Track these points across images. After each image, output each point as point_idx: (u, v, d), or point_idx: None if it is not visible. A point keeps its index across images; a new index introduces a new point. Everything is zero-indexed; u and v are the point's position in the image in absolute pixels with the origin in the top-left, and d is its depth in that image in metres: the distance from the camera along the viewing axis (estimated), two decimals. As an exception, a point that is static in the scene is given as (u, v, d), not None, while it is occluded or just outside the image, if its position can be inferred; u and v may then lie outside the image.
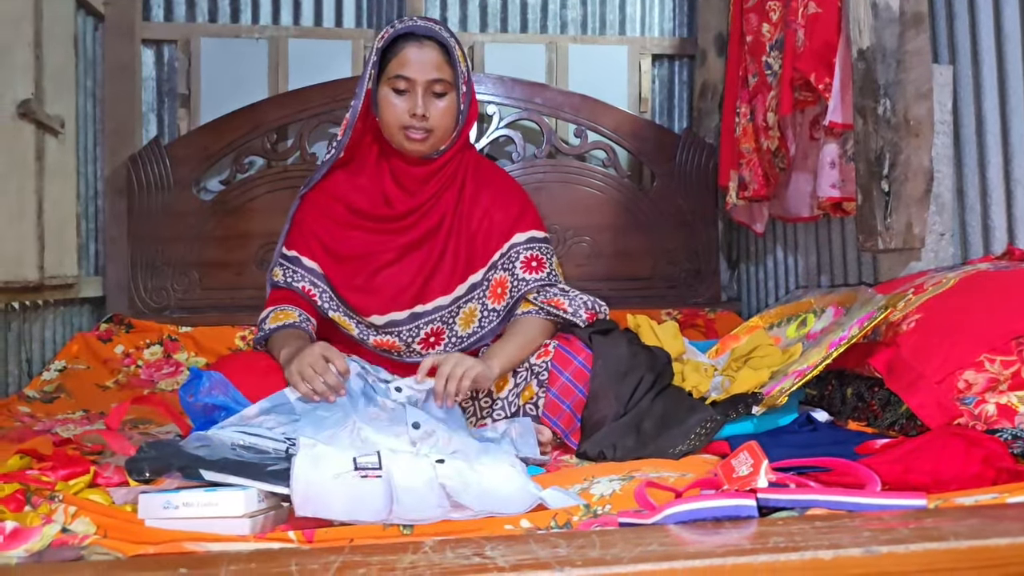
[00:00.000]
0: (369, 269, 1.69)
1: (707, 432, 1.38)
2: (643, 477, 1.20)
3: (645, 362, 1.57)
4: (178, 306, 2.91)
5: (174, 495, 0.99)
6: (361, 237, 1.70)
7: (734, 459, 0.91)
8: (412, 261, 1.69)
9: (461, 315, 1.69)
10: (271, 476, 1.03)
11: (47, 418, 1.94)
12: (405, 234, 1.69)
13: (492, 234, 1.72)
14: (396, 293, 1.67)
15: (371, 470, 1.09)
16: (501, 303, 1.68)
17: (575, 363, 1.55)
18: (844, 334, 1.44)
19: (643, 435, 1.43)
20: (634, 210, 3.11)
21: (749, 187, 2.75)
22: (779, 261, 2.93)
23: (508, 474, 1.18)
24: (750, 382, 1.52)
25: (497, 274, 1.69)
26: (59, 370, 2.47)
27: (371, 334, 1.67)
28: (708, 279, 3.14)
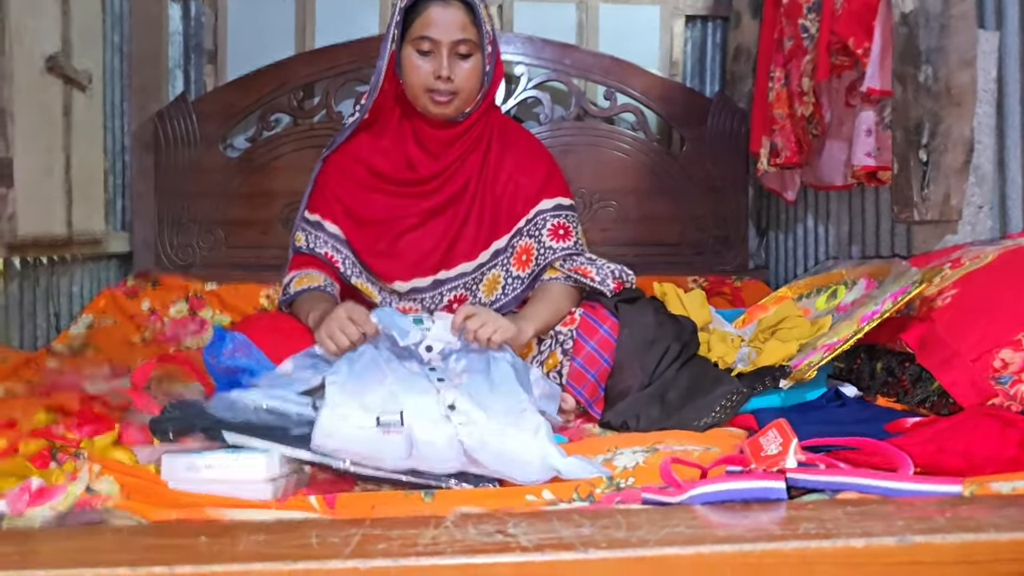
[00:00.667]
0: (392, 234, 1.67)
1: (733, 405, 1.36)
2: (667, 450, 1.18)
3: (671, 331, 1.55)
4: (203, 263, 2.92)
5: (197, 457, 1.00)
6: (383, 201, 1.68)
7: (762, 437, 0.89)
8: (435, 226, 1.66)
9: (485, 282, 1.67)
10: (294, 440, 1.03)
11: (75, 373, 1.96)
12: (428, 199, 1.67)
13: (517, 199, 1.69)
14: (419, 259, 1.66)
15: (392, 427, 1.12)
16: (526, 270, 1.66)
17: (601, 332, 1.53)
18: (877, 308, 1.41)
19: (667, 405, 1.41)
20: (662, 175, 3.06)
21: (781, 154, 2.69)
22: (809, 230, 2.88)
23: (527, 441, 1.18)
24: (778, 354, 1.50)
25: (522, 241, 1.67)
26: (87, 325, 2.49)
27: (394, 301, 1.67)
28: (736, 246, 3.09)
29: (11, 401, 1.57)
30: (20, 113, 2.14)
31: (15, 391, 1.71)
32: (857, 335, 1.39)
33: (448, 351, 1.40)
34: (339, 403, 1.18)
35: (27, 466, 1.02)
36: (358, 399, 1.21)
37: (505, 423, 1.23)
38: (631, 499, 0.99)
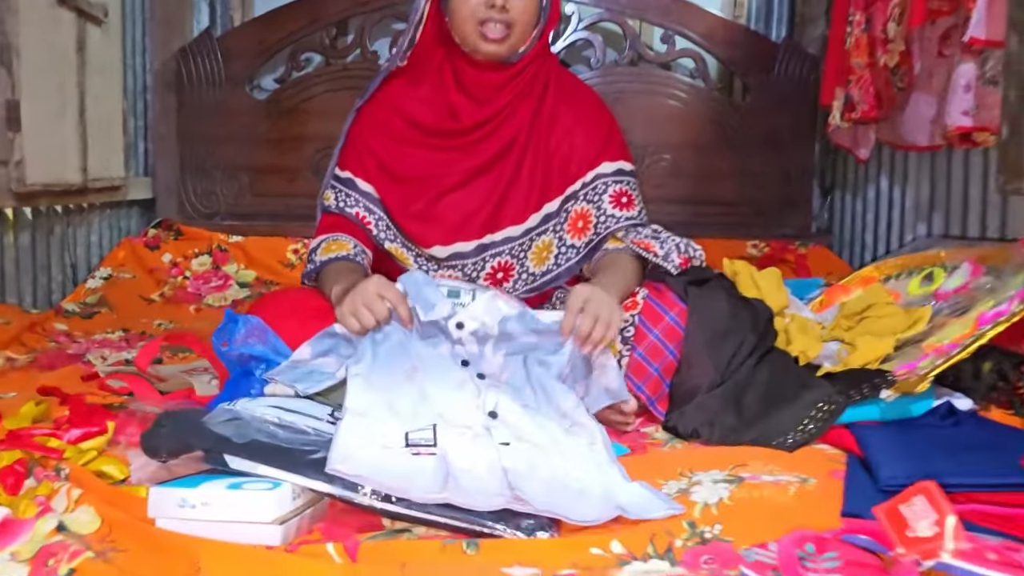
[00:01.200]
0: (431, 193, 1.48)
1: (824, 417, 1.16)
2: (754, 480, 1.00)
3: (747, 320, 1.34)
4: (228, 212, 2.77)
5: (191, 491, 0.83)
6: (422, 156, 1.48)
7: (905, 506, 0.70)
8: (481, 185, 1.47)
9: (534, 249, 1.48)
10: (310, 467, 0.85)
11: (84, 337, 1.82)
12: (473, 153, 1.46)
13: (572, 159, 1.49)
14: (462, 221, 1.47)
15: (424, 447, 0.98)
16: (582, 239, 1.47)
17: (667, 319, 1.33)
18: (1002, 308, 1.19)
19: (744, 412, 1.22)
20: (722, 127, 2.82)
21: (857, 107, 2.43)
22: (882, 193, 2.62)
23: (582, 460, 1.02)
24: (873, 352, 1.29)
25: (578, 205, 1.47)
26: (104, 278, 2.35)
27: (431, 268, 1.48)
28: (799, 208, 2.86)
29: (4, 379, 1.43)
30: (28, 50, 1.96)
31: (15, 362, 1.57)
32: (978, 341, 1.18)
33: (483, 334, 1.21)
34: (361, 410, 1.02)
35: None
36: (385, 398, 1.06)
37: (556, 434, 1.07)
38: (724, 560, 0.81)
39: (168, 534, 0.83)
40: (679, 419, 1.25)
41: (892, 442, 1.06)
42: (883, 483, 0.96)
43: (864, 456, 1.05)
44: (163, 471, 0.93)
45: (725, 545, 0.85)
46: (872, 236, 2.63)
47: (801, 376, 1.25)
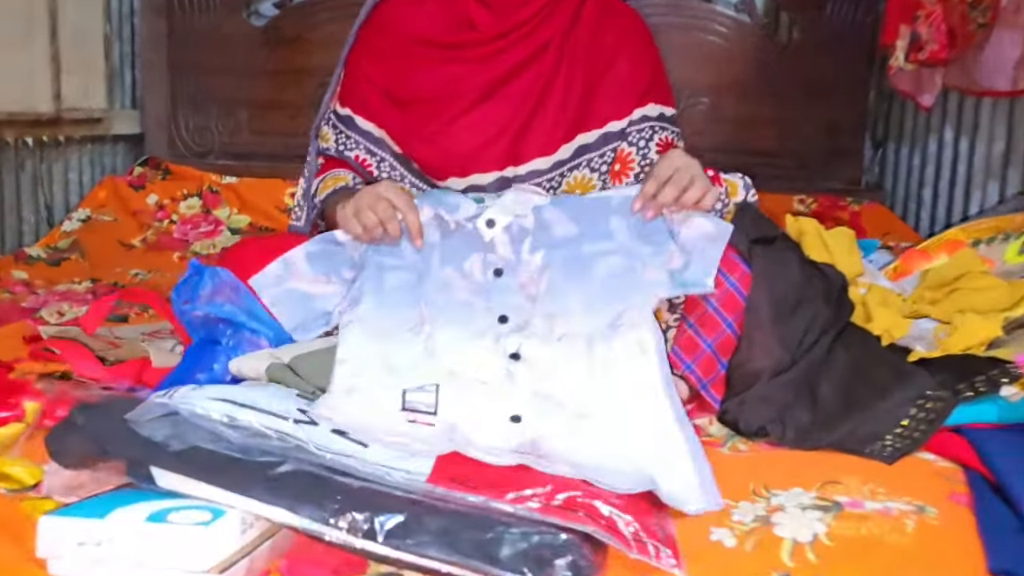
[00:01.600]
0: (444, 115, 1.25)
1: (930, 418, 0.93)
2: (854, 507, 0.77)
3: (821, 291, 1.11)
4: (223, 151, 2.54)
5: (96, 524, 0.61)
6: (432, 72, 1.26)
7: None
8: (502, 102, 1.24)
9: (564, 187, 1.26)
10: (268, 487, 0.63)
11: (45, 288, 1.60)
12: (493, 63, 1.23)
13: (617, 86, 1.26)
14: (480, 147, 1.25)
15: (422, 412, 0.89)
16: (617, 183, 1.26)
17: (725, 284, 1.09)
18: None
19: (821, 406, 0.99)
20: (767, 69, 2.55)
21: (926, 47, 2.16)
22: (946, 144, 2.36)
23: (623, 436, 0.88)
24: (977, 333, 1.05)
25: (620, 145, 1.25)
26: (81, 220, 2.14)
27: None
28: (848, 160, 2.61)
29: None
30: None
31: (-41, 317, 1.36)
32: None
33: (517, 229, 1.07)
34: (353, 370, 0.92)
35: None
36: (381, 353, 0.95)
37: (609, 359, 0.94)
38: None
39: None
40: (739, 411, 1.03)
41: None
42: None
43: (993, 476, 0.82)
44: (85, 477, 0.72)
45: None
46: (931, 193, 2.38)
47: (892, 362, 1.02)
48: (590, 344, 0.97)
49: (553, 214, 1.08)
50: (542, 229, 1.08)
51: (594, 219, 1.08)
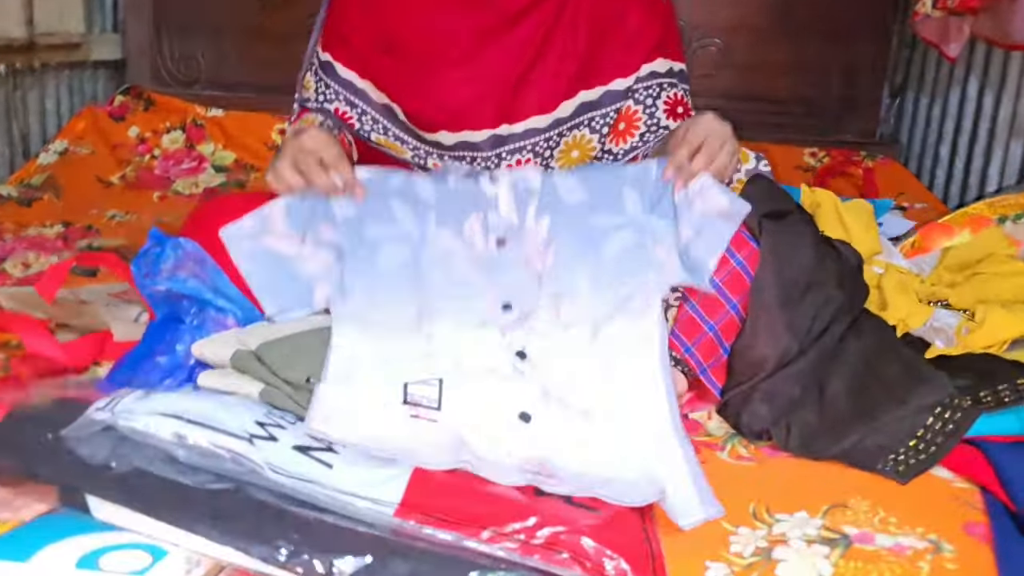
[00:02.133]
0: (436, 63, 1.16)
1: (948, 431, 0.86)
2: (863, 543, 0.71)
3: (834, 274, 1.03)
4: (209, 81, 2.43)
5: (19, 567, 0.54)
6: (424, 15, 1.16)
7: None
8: (500, 51, 1.15)
9: (563, 147, 1.17)
10: (217, 520, 0.57)
11: (13, 233, 1.52)
12: (491, 7, 1.14)
13: (625, 38, 1.17)
14: (474, 100, 1.16)
15: (425, 407, 0.85)
16: (621, 145, 1.18)
17: (731, 263, 1.02)
18: None
19: (831, 407, 0.92)
20: (782, 9, 2.41)
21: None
22: (969, 98, 2.25)
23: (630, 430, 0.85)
24: (1004, 330, 0.98)
25: (626, 104, 1.17)
26: (59, 152, 2.04)
27: (430, 155, 1.19)
28: (863, 110, 2.50)
29: None
30: None
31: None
32: None
33: (523, 189, 1.01)
34: (345, 371, 0.86)
35: None
36: (378, 350, 0.90)
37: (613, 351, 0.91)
38: None
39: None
40: (742, 409, 0.96)
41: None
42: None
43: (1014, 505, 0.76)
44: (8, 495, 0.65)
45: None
46: (949, 149, 2.28)
47: (908, 360, 0.95)
48: (595, 332, 0.93)
49: (562, 178, 1.03)
50: (550, 191, 1.01)
51: (606, 188, 1.02)
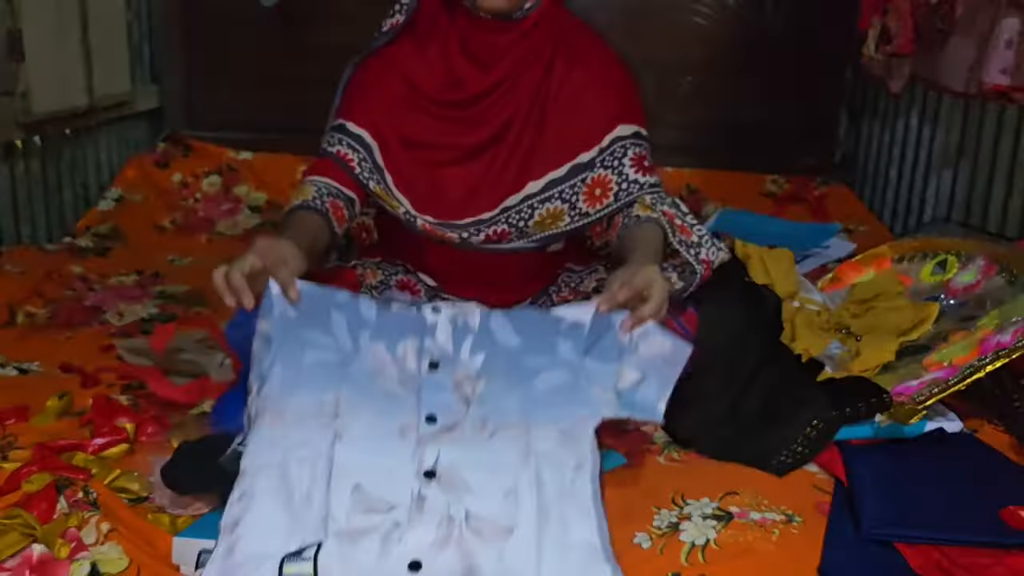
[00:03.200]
0: (428, 162, 1.40)
1: (817, 437, 1.18)
2: (741, 518, 1.04)
3: (762, 324, 1.35)
4: (239, 123, 2.71)
5: (212, 543, 0.88)
6: (424, 122, 1.40)
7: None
8: (477, 166, 1.40)
9: (536, 217, 1.41)
10: None
11: (99, 284, 1.84)
12: (473, 130, 1.39)
13: (584, 123, 1.40)
14: (457, 200, 1.40)
15: None
16: (597, 206, 1.40)
17: (674, 324, 1.33)
18: (1005, 340, 1.19)
19: (741, 422, 1.25)
20: (748, 47, 2.68)
21: (893, 41, 2.31)
22: (911, 129, 2.54)
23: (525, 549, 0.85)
24: (875, 358, 1.30)
25: (595, 172, 1.40)
26: (115, 199, 2.36)
27: (419, 219, 1.40)
28: (823, 137, 2.79)
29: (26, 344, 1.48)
30: (24, -26, 1.88)
31: (35, 319, 1.61)
32: (976, 373, 1.19)
33: (462, 324, 1.04)
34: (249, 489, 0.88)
35: (27, 520, 0.92)
36: (281, 462, 0.89)
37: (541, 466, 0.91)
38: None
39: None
40: (679, 426, 1.28)
41: (880, 477, 1.09)
42: (866, 532, 1.00)
43: (850, 488, 1.09)
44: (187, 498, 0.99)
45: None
46: (896, 172, 2.57)
47: (799, 387, 1.27)
48: (527, 445, 0.94)
49: (499, 322, 1.07)
50: (486, 332, 1.05)
51: (541, 335, 1.06)
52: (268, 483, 0.88)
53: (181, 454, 0.97)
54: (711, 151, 2.72)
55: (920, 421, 1.20)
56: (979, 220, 2.10)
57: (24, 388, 1.30)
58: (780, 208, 2.54)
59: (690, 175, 2.63)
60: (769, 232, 2.12)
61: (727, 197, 2.52)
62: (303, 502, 0.87)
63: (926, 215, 2.38)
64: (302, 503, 0.87)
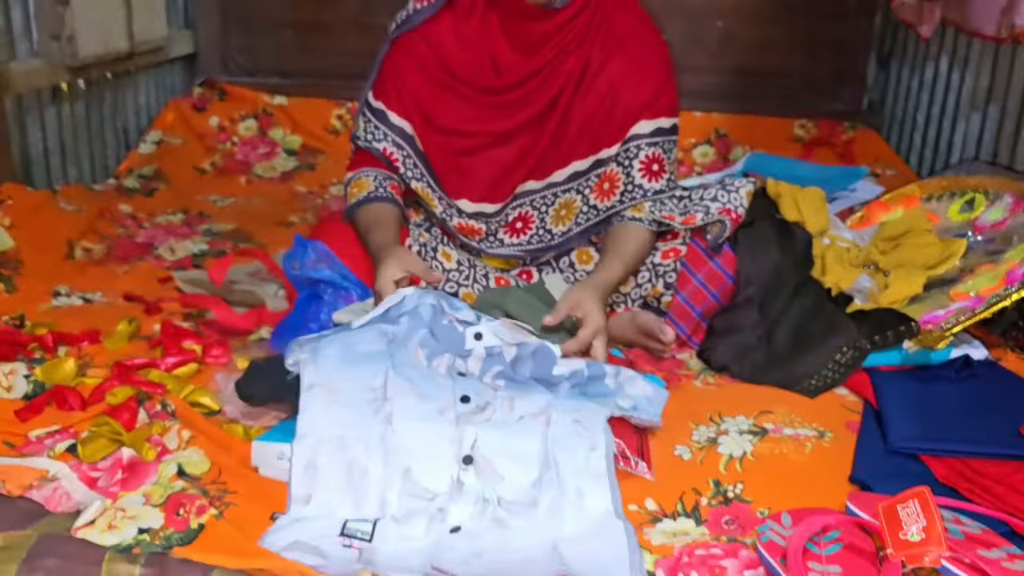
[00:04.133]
0: (462, 148, 1.42)
1: (847, 363, 1.24)
2: (775, 433, 1.10)
3: (792, 262, 1.40)
4: (272, 69, 2.75)
5: (288, 446, 0.96)
6: (460, 107, 1.40)
7: (901, 505, 0.80)
8: (514, 147, 1.41)
9: (556, 205, 1.43)
10: None
11: (148, 221, 1.91)
12: (510, 115, 1.39)
13: (613, 118, 1.39)
14: (491, 184, 1.42)
15: (357, 539, 0.90)
16: (605, 202, 1.41)
17: (711, 264, 1.39)
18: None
19: (774, 349, 1.31)
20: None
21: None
22: (940, 74, 2.54)
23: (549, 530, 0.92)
24: (903, 291, 1.35)
25: (608, 167, 1.41)
26: (155, 142, 2.41)
27: (455, 215, 1.44)
28: (852, 82, 2.77)
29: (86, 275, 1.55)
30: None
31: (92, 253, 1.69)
32: (1003, 302, 1.23)
33: (496, 352, 1.15)
34: (309, 458, 0.95)
35: (114, 427, 0.99)
36: (341, 436, 0.97)
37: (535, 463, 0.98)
38: (742, 524, 0.94)
39: (269, 481, 0.98)
40: (712, 351, 1.35)
41: (907, 398, 1.15)
42: (892, 444, 1.06)
43: (879, 409, 1.15)
44: (257, 409, 1.07)
45: (745, 507, 0.97)
46: (924, 118, 2.58)
47: (830, 316, 1.33)
48: (547, 426, 1.02)
49: (528, 360, 1.15)
50: (516, 362, 1.15)
51: (548, 371, 1.15)
52: (329, 458, 0.96)
53: (254, 370, 1.04)
54: (740, 96, 2.73)
55: (946, 348, 1.25)
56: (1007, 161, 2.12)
57: (92, 315, 1.37)
58: (808, 152, 2.56)
59: (719, 120, 2.64)
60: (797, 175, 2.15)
61: (756, 141, 2.54)
62: (361, 476, 0.95)
63: (953, 159, 2.40)
64: (360, 476, 0.95)
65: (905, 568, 0.77)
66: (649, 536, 0.92)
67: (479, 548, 0.89)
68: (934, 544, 0.75)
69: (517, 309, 1.25)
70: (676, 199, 1.44)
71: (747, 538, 0.91)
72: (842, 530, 0.86)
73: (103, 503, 0.89)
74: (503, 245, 1.45)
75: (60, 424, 1.05)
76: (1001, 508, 0.93)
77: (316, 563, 0.83)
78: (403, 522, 0.92)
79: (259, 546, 0.85)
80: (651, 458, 1.06)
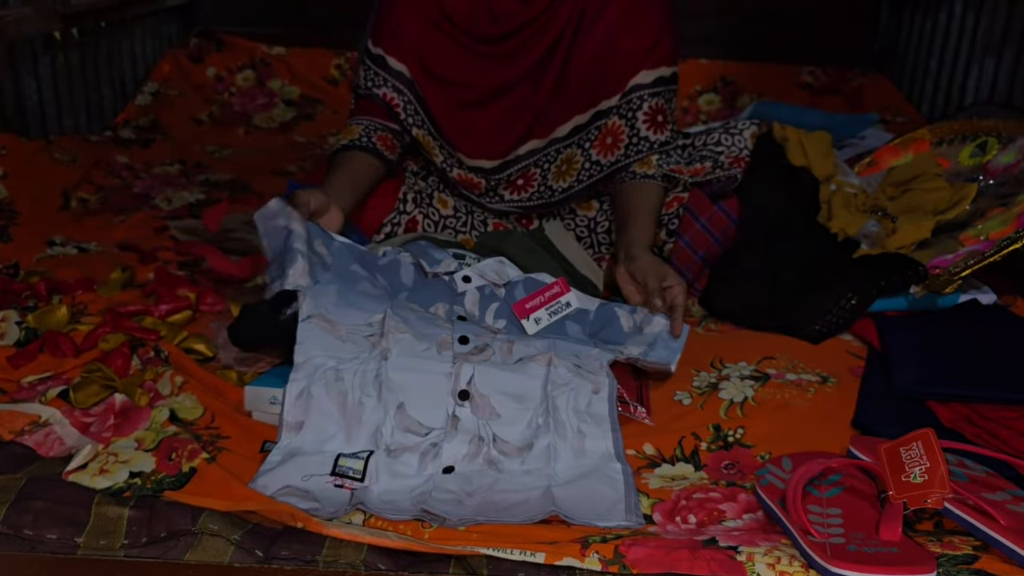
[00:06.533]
0: (463, 100, 1.38)
1: (852, 308, 1.22)
2: (777, 378, 1.09)
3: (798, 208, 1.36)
4: (269, 18, 2.70)
5: (280, 390, 0.95)
6: (457, 56, 1.37)
7: (904, 448, 0.78)
8: (512, 99, 1.37)
9: (558, 161, 1.40)
10: None
11: (145, 171, 1.89)
12: (508, 65, 1.36)
13: (612, 67, 1.35)
14: (488, 139, 1.39)
15: (350, 479, 0.89)
16: (609, 157, 1.37)
17: (714, 207, 1.36)
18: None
19: (778, 294, 1.28)
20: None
21: (941, -77, 2.23)
22: (955, 16, 2.47)
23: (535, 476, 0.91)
24: (911, 235, 1.31)
25: (610, 119, 1.37)
26: (152, 94, 2.38)
27: (455, 166, 1.41)
28: (862, 28, 2.72)
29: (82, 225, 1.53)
30: None
31: (88, 204, 1.67)
32: (1013, 245, 1.20)
33: (489, 292, 1.14)
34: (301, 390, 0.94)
35: (107, 373, 0.98)
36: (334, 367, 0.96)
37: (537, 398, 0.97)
38: (742, 468, 0.92)
39: (262, 426, 0.97)
40: (715, 297, 1.33)
41: (913, 343, 1.13)
42: (898, 389, 1.04)
43: (884, 354, 1.13)
44: (249, 354, 1.06)
45: (745, 451, 0.96)
46: (937, 63, 2.52)
47: (836, 262, 1.30)
48: (547, 368, 1.00)
49: (522, 293, 1.15)
50: (509, 302, 1.14)
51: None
52: (325, 387, 0.95)
53: (246, 314, 1.03)
54: (747, 42, 2.67)
55: (954, 293, 1.23)
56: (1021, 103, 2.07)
57: (86, 263, 1.36)
58: (816, 100, 2.51)
59: (725, 67, 2.59)
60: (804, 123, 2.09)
61: (763, 89, 2.49)
62: (355, 407, 0.94)
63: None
64: (354, 408, 0.94)
65: (907, 510, 0.76)
66: (647, 480, 0.91)
67: (471, 489, 0.88)
68: (938, 486, 0.74)
69: (516, 253, 1.23)
70: (680, 148, 1.40)
71: (746, 483, 0.90)
72: (843, 473, 0.85)
73: (94, 447, 0.88)
74: (503, 201, 1.42)
75: (52, 371, 1.04)
76: (1007, 452, 0.91)
77: (308, 506, 0.82)
78: (396, 457, 0.91)
79: (250, 489, 0.84)
80: (650, 404, 1.04)
